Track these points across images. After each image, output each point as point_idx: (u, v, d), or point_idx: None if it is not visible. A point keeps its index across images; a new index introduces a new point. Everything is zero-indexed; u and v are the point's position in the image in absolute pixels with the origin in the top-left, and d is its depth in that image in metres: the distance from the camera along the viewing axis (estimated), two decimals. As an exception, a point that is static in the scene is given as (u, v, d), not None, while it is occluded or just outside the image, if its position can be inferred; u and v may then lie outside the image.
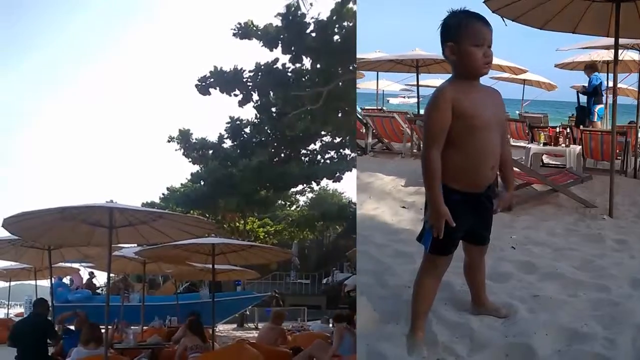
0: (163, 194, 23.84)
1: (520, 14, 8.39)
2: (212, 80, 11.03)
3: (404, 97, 36.23)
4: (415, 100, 18.94)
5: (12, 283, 17.22)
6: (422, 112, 13.72)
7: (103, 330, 7.52)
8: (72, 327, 9.38)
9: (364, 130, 13.72)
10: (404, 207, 7.93)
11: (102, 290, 17.53)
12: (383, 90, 25.32)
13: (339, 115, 11.66)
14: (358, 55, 15.42)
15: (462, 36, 3.42)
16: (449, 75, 3.59)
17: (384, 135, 13.98)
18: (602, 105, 13.52)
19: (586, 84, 13.53)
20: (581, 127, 12.01)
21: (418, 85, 16.96)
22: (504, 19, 8.25)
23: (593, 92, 13.18)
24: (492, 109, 3.54)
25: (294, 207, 27.10)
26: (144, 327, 12.09)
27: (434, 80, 19.39)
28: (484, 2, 8.00)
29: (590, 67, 13.08)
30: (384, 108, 21.43)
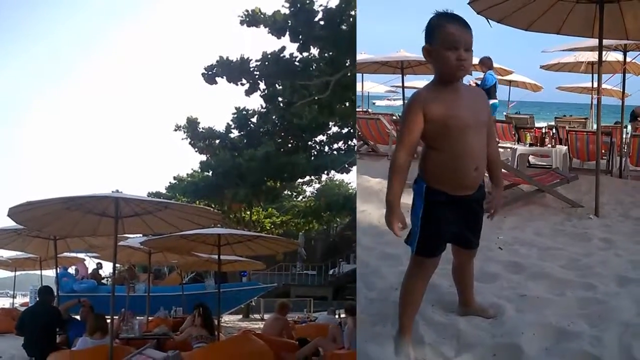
0: (170, 183, 23.83)
1: (505, 16, 8.45)
2: (218, 69, 10.94)
3: (390, 99, 36.21)
4: (401, 102, 18.94)
5: (18, 273, 17.26)
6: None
7: (109, 320, 7.50)
8: (78, 317, 9.35)
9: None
10: None
11: (107, 280, 17.52)
12: (368, 92, 25.39)
13: (346, 105, 11.56)
14: None
15: (436, 39, 3.42)
16: (444, 73, 3.57)
17: (370, 137, 13.96)
18: (496, 100, 13.45)
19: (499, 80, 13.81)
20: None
21: (403, 87, 16.92)
22: (489, 20, 8.30)
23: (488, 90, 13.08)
24: (470, 109, 3.50)
25: (301, 197, 27.04)
26: (150, 318, 12.06)
27: (419, 82, 19.38)
28: (468, 3, 8.03)
29: (483, 63, 12.97)
30: (369, 110, 21.41)
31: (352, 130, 14.79)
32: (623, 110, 12.71)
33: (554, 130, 11.82)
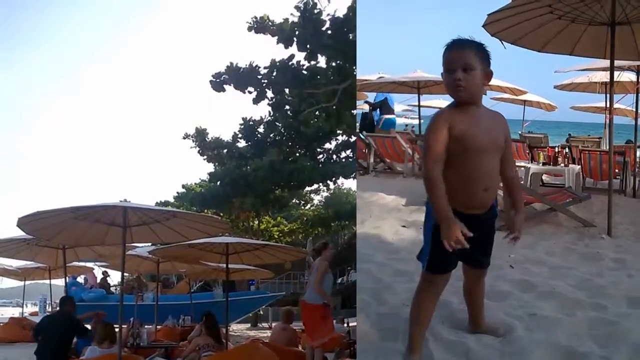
0: (177, 193, 23.89)
1: (519, 37, 8.52)
2: (226, 76, 10.94)
3: (407, 117, 36.56)
4: (417, 121, 19.17)
5: (27, 282, 17.34)
6: (423, 132, 13.85)
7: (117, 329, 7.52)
8: (89, 327, 9.36)
9: (366, 150, 13.77)
10: (404, 226, 7.96)
11: (116, 289, 17.56)
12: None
13: (354, 113, 11.56)
14: (361, 77, 15.84)
15: (443, 64, 3.52)
16: (449, 96, 3.64)
17: (386, 155, 14.09)
18: (390, 116, 15.61)
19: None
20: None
21: (420, 106, 17.02)
22: (503, 42, 8.35)
23: (379, 106, 15.52)
24: (488, 131, 3.55)
25: (309, 206, 27.07)
26: (158, 327, 12.08)
27: (435, 101, 19.74)
28: (483, 26, 8.07)
29: None
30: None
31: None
32: (636, 130, 12.73)
33: (567, 150, 11.81)
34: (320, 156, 16.26)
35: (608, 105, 10.88)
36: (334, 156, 16.25)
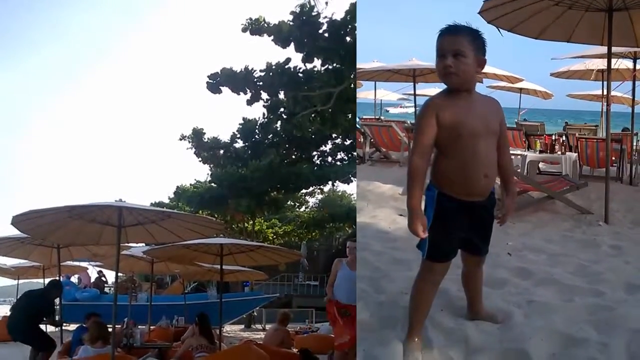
0: (173, 193, 23.89)
1: (516, 25, 8.47)
2: (222, 78, 10.93)
3: (403, 106, 36.27)
4: (413, 109, 19.09)
5: (21, 281, 17.27)
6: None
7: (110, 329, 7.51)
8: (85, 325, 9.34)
9: (362, 140, 13.80)
10: (401, 215, 7.93)
11: (110, 289, 17.54)
12: (381, 100, 25.53)
13: (349, 116, 11.56)
14: (357, 65, 15.58)
15: (436, 50, 3.51)
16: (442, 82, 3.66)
17: (382, 144, 14.10)
18: None
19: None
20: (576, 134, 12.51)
21: (415, 95, 17.02)
22: (500, 29, 8.33)
23: None
24: (481, 117, 3.55)
25: (303, 208, 27.09)
26: (152, 327, 12.08)
27: (431, 90, 19.47)
28: (479, 12, 8.02)
29: None
30: (382, 117, 21.54)
31: (354, 142, 14.81)
32: (633, 118, 12.75)
33: (564, 137, 11.85)
34: (316, 159, 16.29)
35: (605, 93, 10.90)
36: (330, 158, 16.29)
